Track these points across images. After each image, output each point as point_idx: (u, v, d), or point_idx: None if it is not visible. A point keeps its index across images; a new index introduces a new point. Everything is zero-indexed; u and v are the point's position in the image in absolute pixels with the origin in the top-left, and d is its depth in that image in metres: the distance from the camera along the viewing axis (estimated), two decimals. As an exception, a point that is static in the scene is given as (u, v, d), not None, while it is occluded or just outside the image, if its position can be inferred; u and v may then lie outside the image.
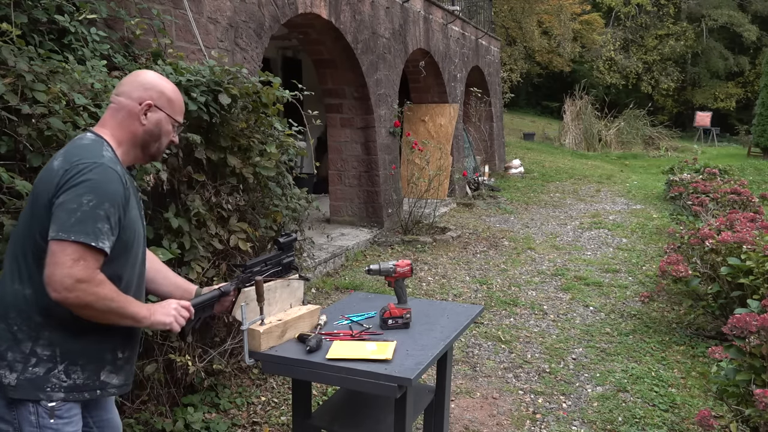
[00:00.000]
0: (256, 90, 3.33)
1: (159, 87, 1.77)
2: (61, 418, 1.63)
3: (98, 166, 1.59)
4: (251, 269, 2.15)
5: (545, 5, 23.32)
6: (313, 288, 5.60)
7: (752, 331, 2.74)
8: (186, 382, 3.20)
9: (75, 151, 1.63)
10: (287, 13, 5.70)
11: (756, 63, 28.97)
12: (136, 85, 1.75)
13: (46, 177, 1.62)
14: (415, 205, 7.93)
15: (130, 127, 1.74)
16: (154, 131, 1.77)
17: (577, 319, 5.07)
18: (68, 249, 1.51)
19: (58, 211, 1.54)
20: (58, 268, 1.51)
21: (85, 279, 1.53)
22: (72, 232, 1.51)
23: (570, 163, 16.31)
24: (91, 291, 1.54)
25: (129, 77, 1.79)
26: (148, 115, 1.75)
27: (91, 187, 1.55)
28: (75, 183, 1.55)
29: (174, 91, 1.82)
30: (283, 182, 3.68)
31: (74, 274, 1.51)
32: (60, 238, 1.51)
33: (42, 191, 1.60)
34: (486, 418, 3.46)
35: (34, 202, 1.62)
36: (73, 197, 1.54)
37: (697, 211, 6.83)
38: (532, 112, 30.87)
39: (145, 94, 1.74)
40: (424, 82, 10.44)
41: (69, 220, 1.52)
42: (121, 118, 1.73)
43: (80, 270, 1.52)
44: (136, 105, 1.73)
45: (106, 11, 3.46)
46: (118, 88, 1.77)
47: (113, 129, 1.73)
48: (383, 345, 2.20)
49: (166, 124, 1.79)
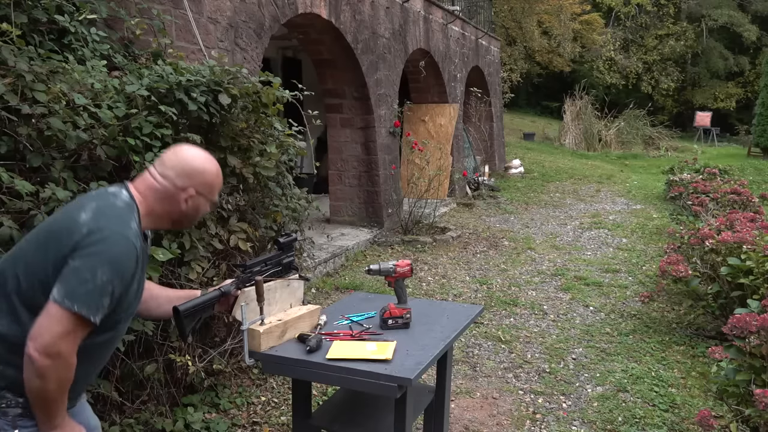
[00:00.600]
0: (256, 90, 3.33)
1: (203, 175, 1.76)
2: (25, 427, 1.60)
3: (123, 239, 1.57)
4: (251, 269, 2.15)
5: (545, 5, 23.32)
6: (313, 288, 5.60)
7: (752, 331, 2.74)
8: (186, 382, 3.20)
9: (106, 212, 1.60)
10: (287, 13, 5.70)
11: (756, 63, 28.96)
12: (179, 171, 1.73)
13: (67, 225, 1.58)
14: (415, 205, 7.93)
15: (168, 207, 1.74)
16: (191, 213, 1.79)
17: (577, 319, 5.07)
18: (66, 319, 1.50)
19: (71, 275, 1.52)
20: (49, 334, 1.49)
21: (65, 355, 1.52)
22: (77, 302, 1.50)
23: (570, 163, 16.30)
24: (58, 370, 1.52)
25: (173, 158, 1.76)
26: (189, 202, 1.76)
27: (109, 260, 1.54)
28: (95, 251, 1.53)
29: (216, 175, 1.81)
30: (283, 182, 3.68)
31: (60, 347, 1.50)
32: (65, 306, 1.50)
33: (58, 237, 1.57)
34: (486, 418, 3.46)
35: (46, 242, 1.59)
36: (90, 266, 1.52)
37: (697, 211, 6.83)
38: (532, 112, 30.86)
39: (189, 182, 1.74)
40: (424, 82, 10.44)
41: (78, 289, 1.51)
42: (160, 197, 1.73)
43: (67, 344, 1.51)
44: (179, 192, 1.73)
45: (106, 11, 3.46)
46: (161, 167, 1.74)
47: (149, 201, 1.72)
48: (383, 345, 2.20)
49: (204, 205, 1.81)
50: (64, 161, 2.49)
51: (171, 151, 1.79)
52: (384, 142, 8.06)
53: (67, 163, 2.50)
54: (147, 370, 2.89)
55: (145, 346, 2.94)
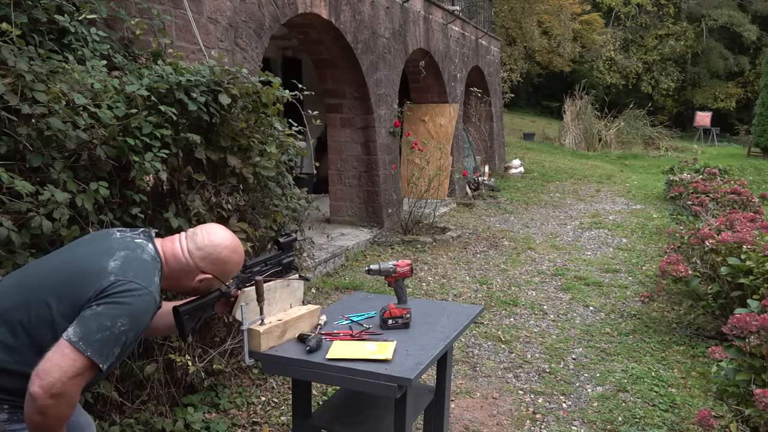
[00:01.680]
0: (256, 90, 3.33)
1: (225, 266, 1.84)
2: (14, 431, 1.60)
3: (147, 294, 1.61)
4: (251, 269, 2.15)
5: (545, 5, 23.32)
6: (313, 288, 5.60)
7: (752, 331, 2.74)
8: (186, 382, 3.20)
9: (134, 264, 1.64)
10: (287, 13, 5.70)
11: (756, 63, 28.97)
12: (205, 255, 1.80)
13: (95, 270, 1.60)
14: (415, 205, 7.93)
15: (182, 279, 1.82)
16: (199, 290, 1.88)
17: (577, 319, 5.07)
18: (78, 361, 1.51)
19: (92, 319, 1.54)
20: (58, 373, 1.49)
21: (69, 396, 1.52)
22: (91, 348, 1.52)
23: (570, 163, 16.30)
24: (60, 408, 1.51)
25: (206, 239, 1.81)
26: (204, 283, 1.84)
27: (131, 313, 1.57)
28: (119, 301, 1.56)
29: (237, 264, 1.88)
30: (283, 182, 3.68)
31: (65, 387, 1.50)
32: (79, 348, 1.51)
33: (83, 280, 1.59)
34: (486, 418, 3.46)
35: (67, 285, 1.59)
36: (111, 315, 1.55)
37: (697, 211, 6.82)
38: (532, 112, 30.86)
39: (211, 269, 1.82)
40: (424, 82, 10.44)
41: (95, 335, 1.52)
42: (180, 268, 1.80)
43: (73, 385, 1.52)
44: (197, 272, 1.81)
45: (106, 11, 3.46)
46: (192, 243, 1.81)
47: (171, 265, 1.78)
48: (383, 345, 2.20)
49: (215, 285, 1.90)
50: (64, 161, 2.49)
51: (205, 231, 1.84)
52: (384, 142, 8.06)
53: (67, 163, 2.50)
54: (147, 370, 2.89)
55: (145, 346, 2.95)
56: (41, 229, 2.25)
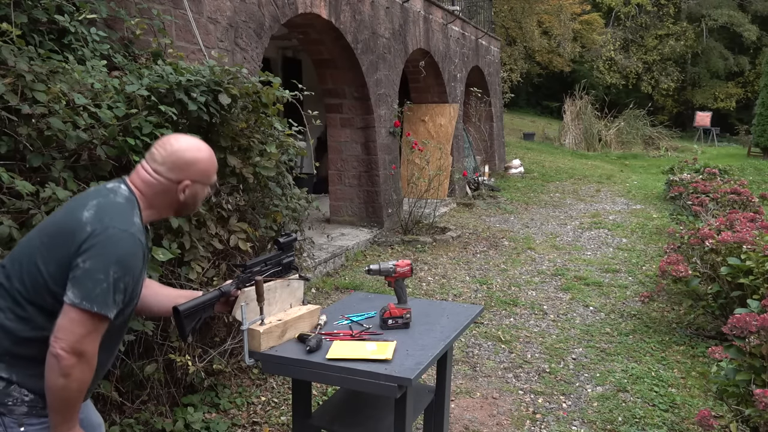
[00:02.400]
0: (256, 90, 3.33)
1: (196, 165, 1.75)
2: (31, 425, 1.61)
3: (128, 236, 1.59)
4: (251, 269, 2.15)
5: (545, 5, 23.32)
6: (313, 288, 5.60)
7: (752, 331, 2.74)
8: (186, 382, 3.20)
9: (108, 210, 1.61)
10: (287, 13, 5.70)
11: (756, 63, 28.97)
12: (171, 166, 1.72)
13: (71, 225, 1.59)
14: (415, 205, 7.93)
15: (166, 200, 1.75)
16: (191, 201, 1.79)
17: (577, 319, 5.07)
18: (87, 320, 1.54)
19: (84, 277, 1.54)
20: (73, 335, 1.53)
21: (89, 355, 1.56)
22: (95, 303, 1.54)
23: (570, 163, 16.31)
24: (82, 368, 1.55)
25: (163, 152, 1.73)
26: (186, 192, 1.75)
27: (119, 258, 1.57)
28: (103, 251, 1.55)
29: (210, 161, 1.79)
30: (283, 182, 3.68)
31: (84, 346, 1.54)
32: (83, 308, 1.53)
33: (60, 233, 1.59)
34: (486, 418, 3.46)
35: (50, 242, 1.60)
36: (102, 266, 1.55)
37: (697, 211, 6.83)
38: (532, 112, 30.87)
39: (183, 175, 1.73)
40: (424, 82, 10.44)
41: (94, 290, 1.54)
42: (157, 191, 1.73)
43: (90, 343, 1.56)
44: (173, 185, 1.73)
45: (106, 11, 3.46)
46: (153, 162, 1.73)
47: (147, 196, 1.72)
48: (383, 345, 2.20)
49: (202, 191, 1.81)
50: (64, 161, 2.49)
51: (159, 145, 1.76)
52: (384, 142, 8.06)
53: (67, 163, 2.50)
54: (147, 370, 2.89)
55: (145, 346, 2.95)
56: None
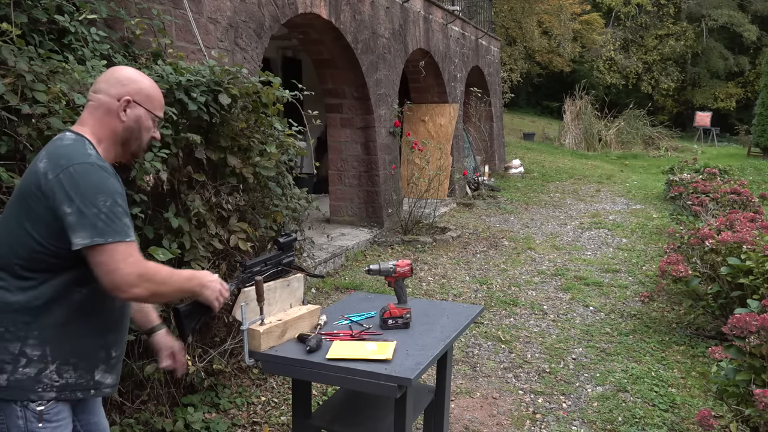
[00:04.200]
0: (256, 90, 3.33)
1: (137, 83, 1.73)
2: (49, 422, 1.60)
3: (90, 166, 1.56)
4: (251, 269, 2.15)
5: (545, 5, 23.33)
6: (313, 288, 5.60)
7: (752, 331, 2.74)
8: (186, 382, 3.20)
9: (59, 152, 1.58)
10: (287, 13, 5.70)
11: (756, 63, 28.98)
12: (113, 82, 1.71)
13: (32, 179, 1.58)
14: (415, 205, 7.93)
15: (110, 124, 1.70)
16: (134, 127, 1.73)
17: (577, 319, 5.07)
18: (114, 252, 1.53)
19: (81, 219, 1.51)
20: (116, 273, 1.53)
21: (142, 272, 1.56)
22: (108, 235, 1.52)
23: (570, 163, 16.31)
24: (153, 281, 1.58)
25: (106, 74, 1.75)
26: (127, 111, 1.71)
27: (96, 189, 1.54)
28: (79, 187, 1.52)
29: (153, 87, 1.77)
30: (283, 182, 3.68)
31: (132, 272, 1.55)
32: (99, 244, 1.52)
33: (29, 194, 1.57)
34: (486, 418, 3.46)
35: (20, 207, 1.59)
36: (89, 202, 1.52)
37: (697, 211, 6.83)
38: (532, 112, 30.87)
39: (123, 90, 1.70)
40: (424, 82, 10.44)
41: (98, 225, 1.52)
42: (99, 116, 1.69)
43: (133, 266, 1.55)
44: (114, 101, 1.69)
45: (106, 11, 3.46)
46: (96, 86, 1.73)
47: (93, 127, 1.69)
48: (383, 345, 2.20)
49: (146, 119, 1.75)
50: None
51: (97, 78, 1.77)
52: (384, 142, 8.06)
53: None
54: (147, 370, 2.89)
55: (145, 346, 2.94)
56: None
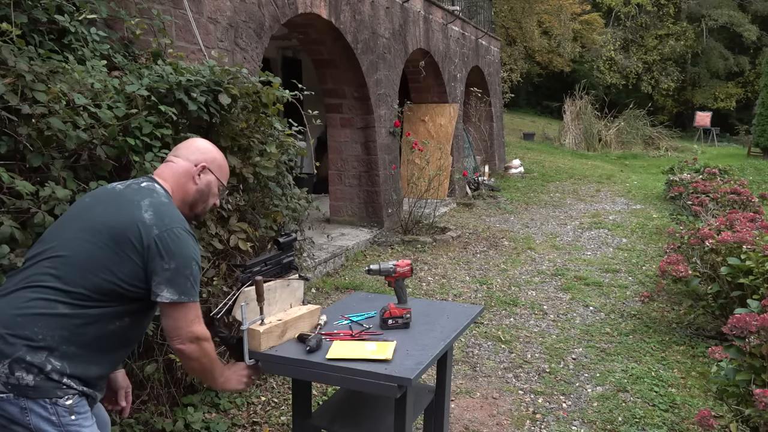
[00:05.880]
0: (256, 90, 3.33)
1: (212, 153, 2.01)
2: (80, 413, 1.68)
3: (188, 233, 1.80)
4: (251, 269, 2.15)
5: (545, 5, 23.32)
6: (313, 288, 5.60)
7: (752, 331, 2.74)
8: (186, 382, 3.20)
9: (163, 212, 1.78)
10: (287, 13, 5.70)
11: (756, 63, 28.97)
12: (192, 149, 1.99)
13: (132, 225, 1.73)
14: (415, 205, 7.92)
15: (185, 186, 1.93)
16: (204, 191, 1.97)
17: (577, 319, 5.07)
18: (189, 311, 1.78)
19: (175, 277, 1.74)
20: (184, 327, 1.78)
21: (204, 336, 1.83)
22: (191, 296, 1.78)
23: (570, 163, 16.31)
24: (205, 347, 1.84)
25: (186, 142, 2.04)
26: (201, 176, 1.96)
27: (193, 254, 1.79)
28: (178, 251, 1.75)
29: (223, 158, 2.05)
30: (283, 182, 3.68)
31: (196, 331, 1.81)
32: (182, 301, 1.76)
33: (124, 238, 1.72)
34: (486, 418, 3.46)
35: (114, 244, 1.71)
36: (186, 264, 1.76)
37: (697, 211, 6.83)
38: (532, 112, 30.87)
39: (201, 157, 1.97)
40: (424, 82, 10.44)
41: (186, 285, 1.76)
42: (178, 176, 1.93)
43: (200, 327, 1.82)
44: (192, 166, 1.95)
45: (106, 11, 3.46)
46: (176, 150, 2.00)
47: (171, 185, 1.91)
48: (383, 345, 2.20)
49: (215, 186, 2.00)
50: (64, 161, 2.49)
51: (180, 144, 2.04)
52: (384, 142, 8.06)
53: (66, 162, 2.50)
54: (147, 370, 2.89)
55: (145, 346, 2.95)
56: (44, 225, 2.25)
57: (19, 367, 1.61)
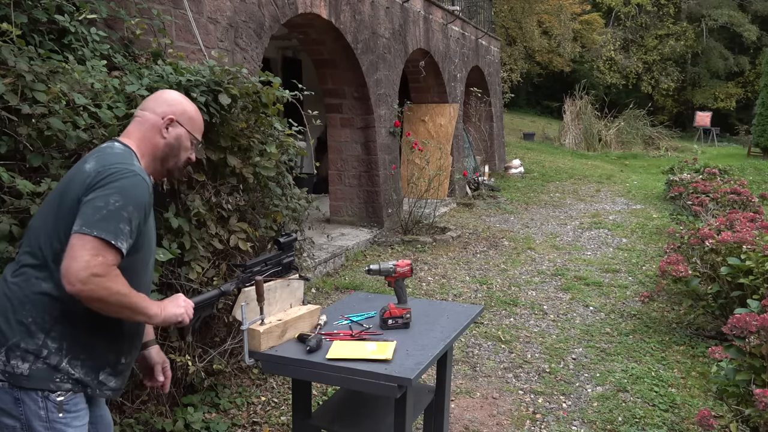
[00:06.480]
0: (256, 90, 3.33)
1: (182, 105, 1.90)
2: (69, 412, 1.66)
3: (131, 173, 1.66)
4: (251, 269, 2.15)
5: (545, 5, 23.32)
6: (313, 288, 5.60)
7: (752, 331, 2.74)
8: (186, 382, 3.20)
9: (109, 158, 1.69)
10: (287, 13, 5.70)
11: (756, 63, 28.97)
12: (160, 102, 1.87)
13: (77, 177, 1.67)
14: (415, 205, 7.93)
15: (153, 140, 1.83)
16: (174, 145, 1.86)
17: (577, 319, 5.07)
18: (88, 244, 1.55)
19: (85, 207, 1.59)
20: (76, 261, 1.54)
21: (100, 273, 1.55)
22: (95, 228, 1.56)
23: (570, 163, 16.31)
24: (104, 285, 1.56)
25: (154, 95, 1.92)
26: (170, 129, 1.85)
27: (120, 189, 1.61)
28: (106, 184, 1.61)
29: (195, 111, 1.93)
30: (283, 182, 3.68)
31: (90, 268, 1.54)
32: (82, 232, 1.56)
33: (71, 190, 1.65)
34: (486, 418, 3.46)
35: (61, 201, 1.66)
36: (102, 196, 1.59)
37: (697, 211, 6.83)
38: (532, 112, 30.87)
39: (169, 109, 1.86)
40: (424, 82, 10.44)
41: (93, 217, 1.57)
42: (144, 131, 1.83)
43: (97, 265, 1.55)
44: (159, 119, 1.84)
45: (106, 11, 3.46)
46: (144, 104, 1.88)
47: (138, 141, 1.82)
48: (383, 345, 2.20)
49: (186, 140, 1.89)
50: (64, 161, 2.49)
51: (153, 93, 1.94)
52: (384, 142, 8.06)
53: (66, 162, 2.50)
54: (147, 370, 2.88)
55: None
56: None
57: (14, 354, 1.61)
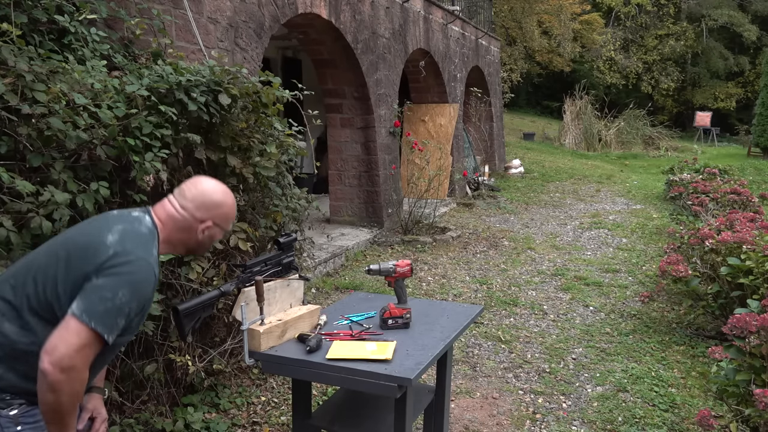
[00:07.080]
0: (256, 90, 3.33)
1: (221, 208, 1.84)
2: (26, 424, 1.62)
3: (146, 266, 1.63)
4: (251, 269, 2.15)
5: (545, 5, 23.32)
6: (313, 288, 5.60)
7: (752, 331, 2.74)
8: (186, 382, 3.20)
9: (132, 240, 1.65)
10: (287, 13, 5.70)
11: (756, 63, 28.97)
12: (199, 204, 1.80)
13: (93, 244, 1.62)
14: (415, 205, 7.92)
15: (185, 236, 1.82)
16: (206, 242, 1.87)
17: (577, 319, 5.07)
18: (83, 333, 1.53)
19: (93, 292, 1.56)
20: (64, 345, 1.51)
21: (78, 369, 1.54)
22: (95, 320, 1.54)
23: (570, 163, 16.30)
24: (71, 383, 1.54)
25: (194, 190, 1.82)
26: (206, 232, 1.84)
27: (131, 283, 1.59)
28: (119, 272, 1.58)
29: (232, 207, 1.89)
30: (283, 182, 3.68)
31: (73, 360, 1.52)
32: (82, 320, 1.53)
33: (83, 258, 1.61)
34: (486, 418, 3.46)
35: (69, 263, 1.61)
36: (112, 286, 1.57)
37: (697, 211, 6.83)
38: (532, 112, 30.86)
39: (208, 215, 1.82)
40: (424, 82, 10.44)
41: (97, 306, 1.55)
42: (179, 227, 1.80)
43: (80, 359, 1.54)
44: (197, 224, 1.81)
45: (106, 11, 3.46)
46: (182, 198, 1.81)
47: (168, 229, 1.79)
48: (383, 345, 2.20)
49: (218, 235, 1.89)
50: (64, 161, 2.49)
51: (191, 183, 1.85)
52: (384, 142, 8.06)
53: (67, 163, 2.50)
54: (147, 370, 2.89)
55: (145, 345, 2.95)
56: (41, 229, 2.25)
57: None
